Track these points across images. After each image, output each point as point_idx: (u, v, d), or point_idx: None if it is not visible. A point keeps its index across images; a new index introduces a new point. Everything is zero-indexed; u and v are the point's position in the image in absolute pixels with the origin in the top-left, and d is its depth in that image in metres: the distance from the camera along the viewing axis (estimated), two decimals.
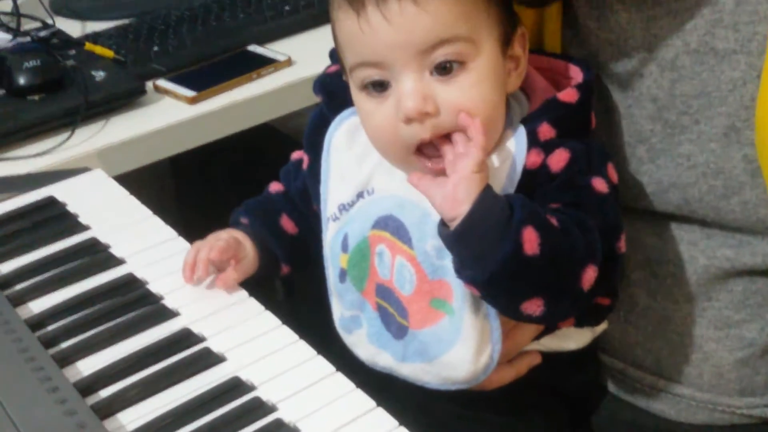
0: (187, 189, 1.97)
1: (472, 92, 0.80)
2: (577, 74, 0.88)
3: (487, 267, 0.76)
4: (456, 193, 0.76)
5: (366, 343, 0.90)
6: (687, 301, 0.94)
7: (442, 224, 0.79)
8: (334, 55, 0.90)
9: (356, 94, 0.84)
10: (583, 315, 0.89)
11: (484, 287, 0.79)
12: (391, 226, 0.86)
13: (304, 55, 1.39)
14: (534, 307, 0.79)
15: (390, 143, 0.83)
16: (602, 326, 0.94)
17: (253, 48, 1.41)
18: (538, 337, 0.90)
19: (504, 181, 0.82)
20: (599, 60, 0.90)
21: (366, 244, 0.87)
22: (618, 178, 0.86)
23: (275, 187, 1.02)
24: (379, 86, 0.81)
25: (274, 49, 1.40)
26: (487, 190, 0.77)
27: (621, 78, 0.88)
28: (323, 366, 0.82)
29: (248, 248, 0.96)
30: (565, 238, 0.78)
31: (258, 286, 0.96)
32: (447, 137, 0.80)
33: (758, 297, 0.93)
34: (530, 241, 0.76)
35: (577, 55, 0.92)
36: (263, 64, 1.36)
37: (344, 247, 0.89)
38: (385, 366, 0.89)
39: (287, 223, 0.99)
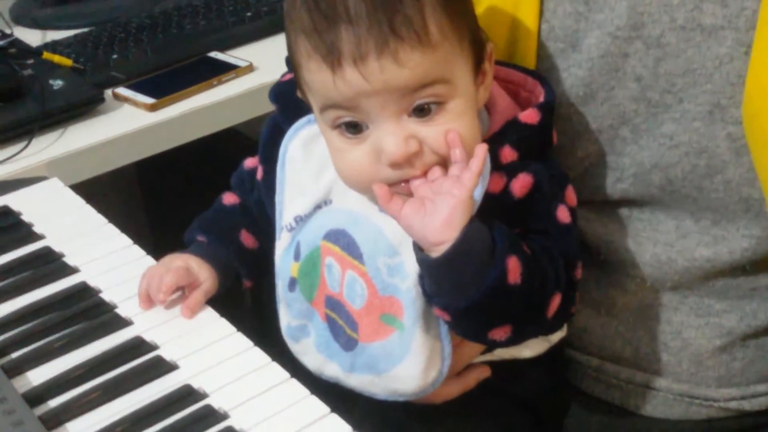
0: (154, 195, 1.96)
1: (453, 127, 0.77)
2: (535, 88, 0.87)
3: (468, 296, 0.75)
4: (452, 218, 0.74)
5: (314, 352, 0.89)
6: (667, 292, 0.95)
7: (419, 249, 0.77)
8: (290, 63, 0.86)
9: (326, 131, 0.81)
10: None
11: (459, 315, 0.78)
12: (342, 241, 0.84)
13: (266, 61, 1.38)
14: (501, 333, 0.79)
15: (366, 181, 0.79)
16: (558, 335, 0.94)
17: (215, 54, 1.40)
18: (490, 348, 0.90)
19: None
20: (583, 44, 0.89)
21: (317, 253, 0.86)
22: (576, 199, 0.86)
23: (230, 198, 0.99)
24: (353, 127, 0.78)
25: (235, 56, 1.39)
26: (473, 217, 0.75)
27: (605, 60, 0.88)
28: (277, 373, 0.81)
29: (205, 273, 0.92)
30: (539, 268, 0.78)
31: (225, 291, 0.96)
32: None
33: (739, 290, 0.93)
34: (514, 270, 0.75)
35: (553, 50, 0.91)
36: (224, 70, 1.35)
37: (296, 256, 0.88)
38: (332, 376, 0.88)
39: (247, 239, 0.97)
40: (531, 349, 0.92)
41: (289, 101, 0.90)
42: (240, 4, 1.51)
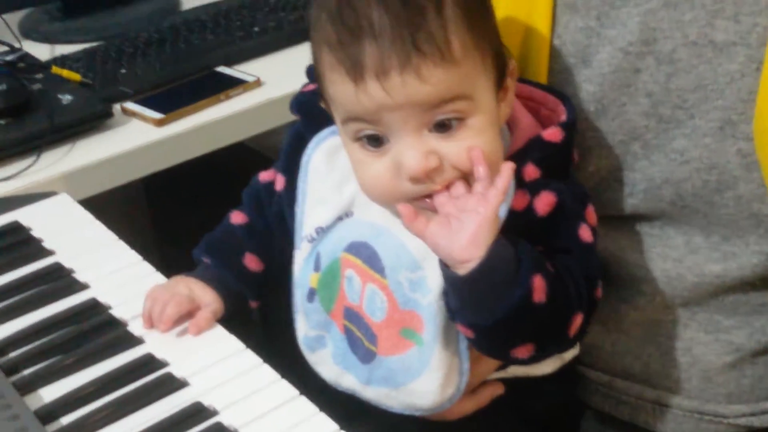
0: (162, 209, 1.97)
1: (475, 143, 0.78)
2: (557, 106, 0.88)
3: (494, 314, 0.76)
4: (477, 236, 0.74)
5: (330, 363, 0.90)
6: (677, 308, 0.95)
7: (445, 266, 0.77)
8: (312, 73, 0.87)
9: (348, 143, 0.82)
10: None
11: (483, 333, 0.78)
12: (363, 253, 0.85)
13: (273, 75, 1.39)
14: (524, 352, 0.79)
15: (387, 195, 0.80)
16: (572, 352, 0.94)
17: (222, 69, 1.41)
18: (504, 365, 0.90)
19: None
20: (594, 60, 0.89)
21: (337, 264, 0.87)
22: (596, 218, 0.86)
23: (237, 218, 0.99)
24: (375, 140, 0.79)
25: (243, 70, 1.40)
26: (498, 235, 0.76)
27: (617, 75, 0.88)
28: (287, 389, 0.81)
29: (209, 297, 0.92)
30: (562, 286, 0.78)
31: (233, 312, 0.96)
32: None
33: (748, 306, 0.94)
34: (539, 289, 0.76)
35: (564, 65, 0.91)
36: (232, 85, 1.36)
37: (316, 267, 0.88)
38: (348, 387, 0.89)
39: (251, 262, 0.96)
40: (544, 366, 0.92)
41: (312, 111, 0.90)
42: (247, 19, 1.52)
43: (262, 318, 1.32)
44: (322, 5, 0.79)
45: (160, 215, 1.99)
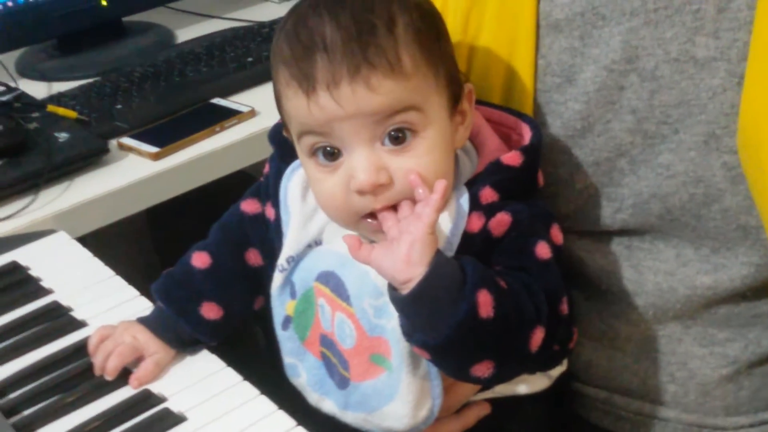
0: (167, 239, 1.97)
1: (425, 160, 0.79)
2: (525, 131, 0.88)
3: (441, 331, 0.76)
4: (410, 255, 0.75)
5: (309, 390, 0.90)
6: (670, 322, 0.95)
7: (392, 289, 0.77)
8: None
9: (305, 161, 0.83)
10: (535, 363, 0.89)
11: (436, 351, 0.78)
12: (331, 282, 0.86)
13: (267, 105, 1.38)
14: (483, 369, 0.78)
15: (340, 210, 0.82)
16: (558, 369, 0.94)
17: (217, 101, 1.42)
18: (490, 385, 0.90)
19: (443, 245, 0.80)
20: (579, 78, 0.90)
21: (311, 293, 0.87)
22: (562, 238, 0.86)
23: (199, 261, 0.95)
24: (330, 155, 0.80)
25: (237, 101, 1.41)
26: (439, 253, 0.76)
27: (601, 93, 0.89)
28: (284, 421, 0.82)
29: (154, 346, 0.91)
30: (515, 301, 0.78)
31: (239, 333, 0.97)
32: (392, 206, 0.80)
33: (741, 318, 0.94)
34: (485, 304, 0.75)
35: (550, 85, 0.92)
36: (227, 116, 1.37)
37: (292, 294, 0.89)
38: (329, 411, 0.89)
39: (209, 311, 0.93)
40: (530, 385, 0.92)
41: (284, 142, 0.91)
42: (241, 50, 1.53)
43: (267, 342, 1.32)
44: (282, 28, 0.82)
45: (165, 245, 1.99)
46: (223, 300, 0.94)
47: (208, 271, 0.95)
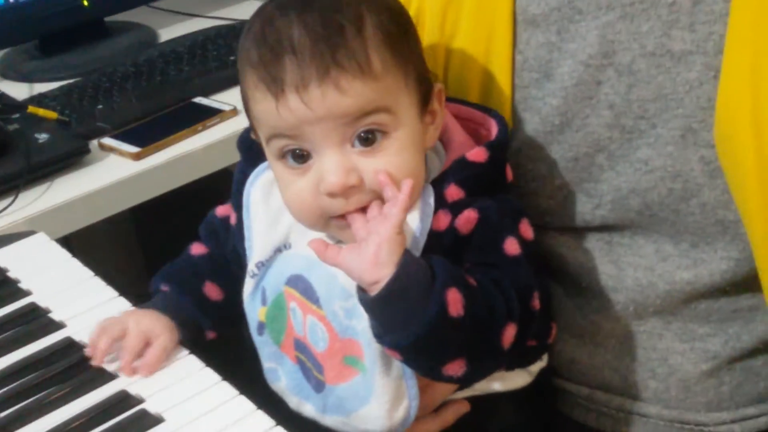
0: (152, 239, 1.96)
1: (396, 160, 0.79)
2: (492, 127, 0.88)
3: (411, 331, 0.75)
4: (378, 256, 0.74)
5: (288, 394, 0.90)
6: (651, 317, 0.95)
7: (361, 290, 0.77)
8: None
9: (273, 163, 0.83)
10: (511, 359, 0.89)
11: (407, 352, 0.78)
12: (300, 286, 0.85)
13: None
14: (456, 368, 0.78)
15: (309, 212, 0.82)
16: (539, 365, 0.94)
17: (199, 100, 1.41)
18: (465, 384, 0.89)
19: (409, 244, 0.80)
20: (556, 74, 0.89)
21: (282, 298, 0.87)
22: (532, 233, 0.85)
23: (197, 249, 0.99)
24: (299, 157, 0.80)
25: (219, 100, 1.40)
26: (407, 253, 0.76)
27: (579, 88, 0.88)
28: (263, 421, 0.81)
29: (159, 327, 0.90)
30: (485, 298, 0.78)
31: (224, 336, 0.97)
32: (363, 208, 0.79)
33: (721, 313, 0.94)
34: (455, 302, 0.75)
35: (528, 81, 0.92)
36: (209, 115, 1.36)
37: (263, 301, 0.89)
38: (309, 415, 0.89)
39: (211, 290, 0.96)
40: (509, 382, 0.92)
41: (252, 147, 0.91)
42: (223, 49, 1.53)
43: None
44: (249, 30, 0.81)
45: (151, 244, 1.99)
46: (222, 282, 0.96)
47: (206, 255, 0.98)
